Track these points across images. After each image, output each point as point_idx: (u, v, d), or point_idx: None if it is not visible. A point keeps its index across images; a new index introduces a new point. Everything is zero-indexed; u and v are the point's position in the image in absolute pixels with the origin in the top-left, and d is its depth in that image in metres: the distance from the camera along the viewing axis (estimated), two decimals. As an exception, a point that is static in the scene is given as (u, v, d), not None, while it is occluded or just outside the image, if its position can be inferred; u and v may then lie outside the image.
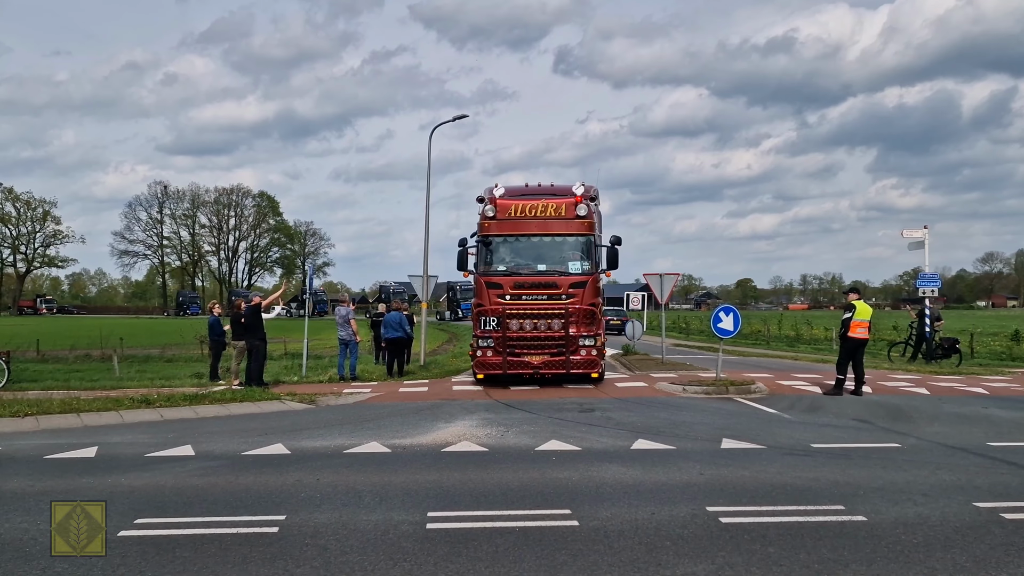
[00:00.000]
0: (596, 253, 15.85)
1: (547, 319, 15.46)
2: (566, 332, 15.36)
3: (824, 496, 7.04)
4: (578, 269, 15.72)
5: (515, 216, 15.90)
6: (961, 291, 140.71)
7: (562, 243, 15.95)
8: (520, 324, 15.54)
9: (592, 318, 15.48)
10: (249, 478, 7.90)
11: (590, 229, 15.85)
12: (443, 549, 5.60)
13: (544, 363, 15.50)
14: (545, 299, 15.50)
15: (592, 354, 15.55)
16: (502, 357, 15.57)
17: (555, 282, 15.61)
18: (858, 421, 11.63)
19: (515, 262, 16.08)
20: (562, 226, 15.86)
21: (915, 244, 22.75)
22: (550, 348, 15.50)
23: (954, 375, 18.95)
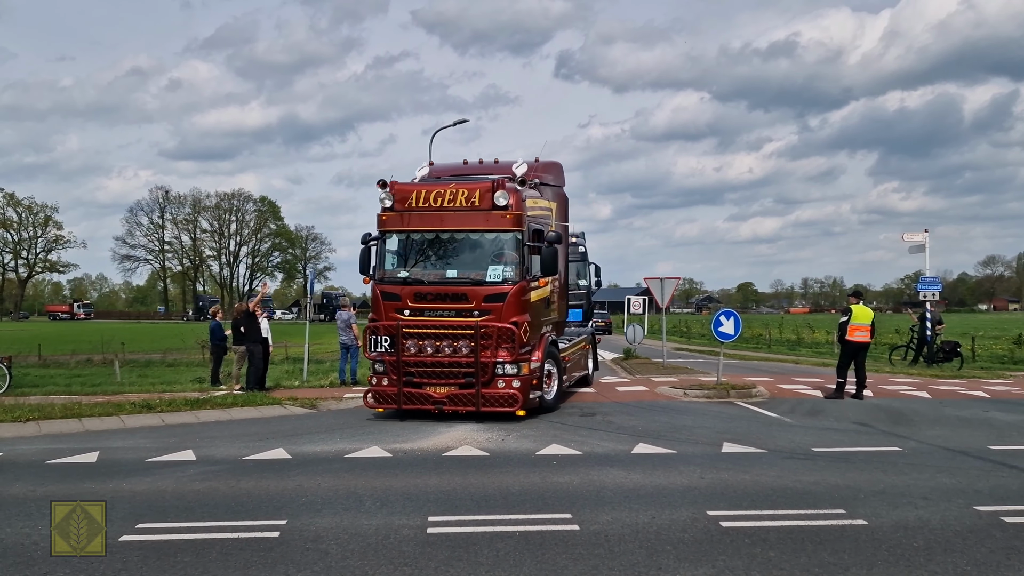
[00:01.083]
0: (527, 255, 12.31)
1: (453, 340, 11.95)
2: (477, 358, 11.82)
3: (825, 500, 7.05)
4: (498, 276, 12.08)
5: (417, 206, 12.35)
6: (962, 294, 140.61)
7: (479, 242, 12.38)
8: (420, 346, 12.05)
9: (512, 340, 11.77)
10: (250, 483, 7.91)
11: (516, 224, 12.11)
12: (444, 553, 5.61)
13: (449, 397, 11.98)
14: (453, 315, 12.03)
15: (513, 386, 11.90)
16: (397, 388, 12.17)
17: (465, 293, 12.04)
18: (859, 425, 11.63)
19: (418, 267, 12.64)
20: (476, 219, 12.21)
21: (916, 248, 22.76)
22: (457, 378, 12.01)
23: (955, 379, 18.95)
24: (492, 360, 11.85)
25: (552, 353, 13.20)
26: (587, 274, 25.50)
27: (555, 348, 13.47)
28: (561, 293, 14.49)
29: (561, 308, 14.53)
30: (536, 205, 13.10)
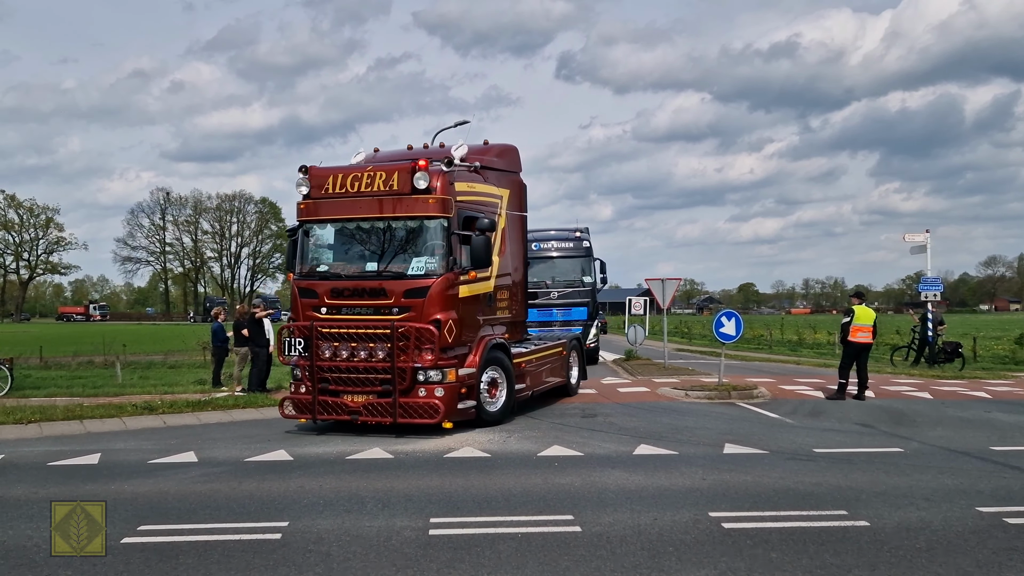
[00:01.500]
0: (457, 245, 11.02)
1: (369, 342, 10.69)
2: (393, 362, 10.53)
3: (827, 501, 7.04)
4: (420, 269, 10.87)
5: (334, 192, 11.25)
6: (964, 295, 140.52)
7: (400, 231, 11.14)
8: (335, 349, 10.82)
9: (432, 341, 10.44)
10: (252, 484, 7.92)
11: (441, 209, 10.83)
12: (446, 555, 5.61)
13: (367, 406, 10.76)
14: (371, 313, 10.84)
15: (436, 395, 10.60)
16: (312, 396, 11.00)
17: (383, 288, 10.83)
18: (861, 425, 11.62)
19: (336, 259, 11.55)
20: (395, 205, 10.97)
21: (917, 248, 22.75)
22: (374, 385, 10.79)
23: (957, 379, 18.94)
24: (410, 365, 10.50)
25: (496, 359, 11.78)
26: (592, 271, 23.89)
27: (502, 352, 11.98)
28: (518, 290, 13.42)
29: (516, 307, 13.24)
30: (472, 190, 11.75)
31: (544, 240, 23.85)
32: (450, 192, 11.02)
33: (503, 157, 13.31)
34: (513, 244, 13.15)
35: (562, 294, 23.00)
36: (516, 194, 13.52)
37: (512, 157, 13.72)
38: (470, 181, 11.81)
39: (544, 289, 22.82)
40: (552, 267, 23.53)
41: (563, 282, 23.20)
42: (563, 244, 23.76)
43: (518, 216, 13.61)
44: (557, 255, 23.60)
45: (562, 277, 23.35)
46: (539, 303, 22.45)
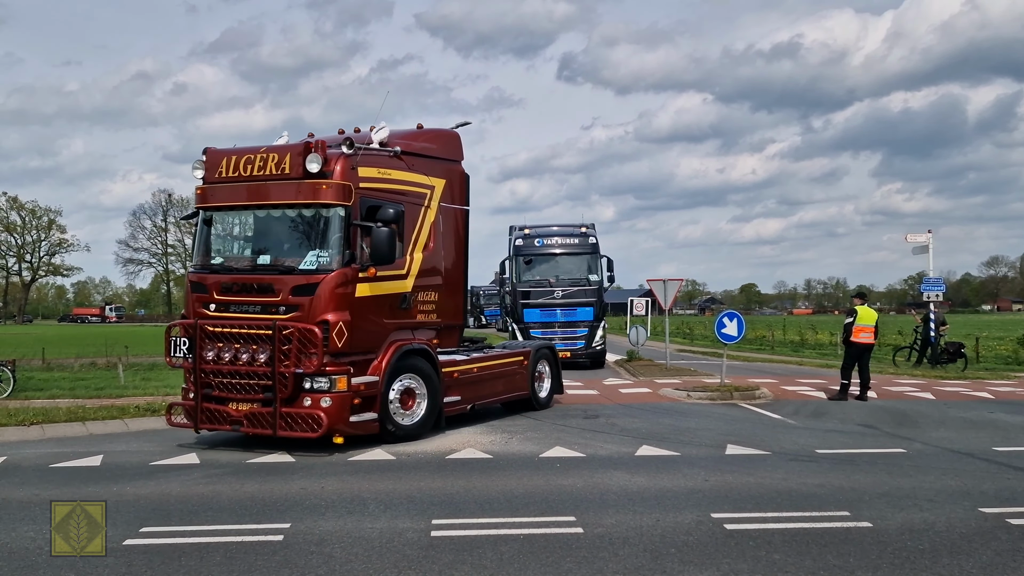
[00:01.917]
0: (358, 237, 9.91)
1: (253, 344, 9.65)
2: (274, 367, 9.44)
3: (829, 502, 7.03)
4: (312, 264, 9.83)
5: (227, 176, 10.21)
6: (966, 295, 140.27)
7: (294, 220, 10.15)
8: (218, 350, 9.78)
9: (316, 344, 9.30)
10: (254, 486, 7.92)
11: (340, 196, 9.71)
12: (448, 556, 5.61)
13: (249, 415, 9.66)
14: (258, 311, 9.84)
15: (321, 405, 9.39)
16: (195, 403, 9.99)
17: (271, 284, 9.85)
18: (863, 426, 11.61)
19: (230, 250, 10.65)
20: (285, 190, 9.94)
21: (919, 248, 22.72)
22: (257, 392, 9.66)
23: (959, 380, 18.92)
24: (292, 370, 9.39)
25: (413, 367, 10.54)
26: (598, 268, 22.81)
27: (423, 360, 10.75)
28: (453, 292, 11.90)
29: (449, 310, 11.72)
30: (387, 177, 10.56)
31: (547, 236, 23.02)
32: (350, 177, 9.84)
33: (438, 144, 11.96)
34: (448, 240, 11.74)
35: (567, 293, 22.18)
36: (454, 185, 12.07)
37: (450, 144, 12.29)
38: (385, 167, 10.57)
39: (547, 288, 22.16)
40: (555, 265, 22.72)
41: (567, 280, 22.43)
42: (568, 240, 22.88)
43: (456, 209, 12.09)
44: (561, 252, 22.73)
45: (566, 276, 22.56)
46: (541, 303, 22.02)
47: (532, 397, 13.36)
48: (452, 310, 11.90)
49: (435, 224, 11.39)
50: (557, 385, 14.19)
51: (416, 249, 10.97)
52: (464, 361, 11.91)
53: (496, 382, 12.54)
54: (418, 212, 11.08)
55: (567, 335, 21.90)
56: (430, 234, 11.29)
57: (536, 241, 22.82)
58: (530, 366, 13.30)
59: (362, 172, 10.08)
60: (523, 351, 13.48)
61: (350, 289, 9.82)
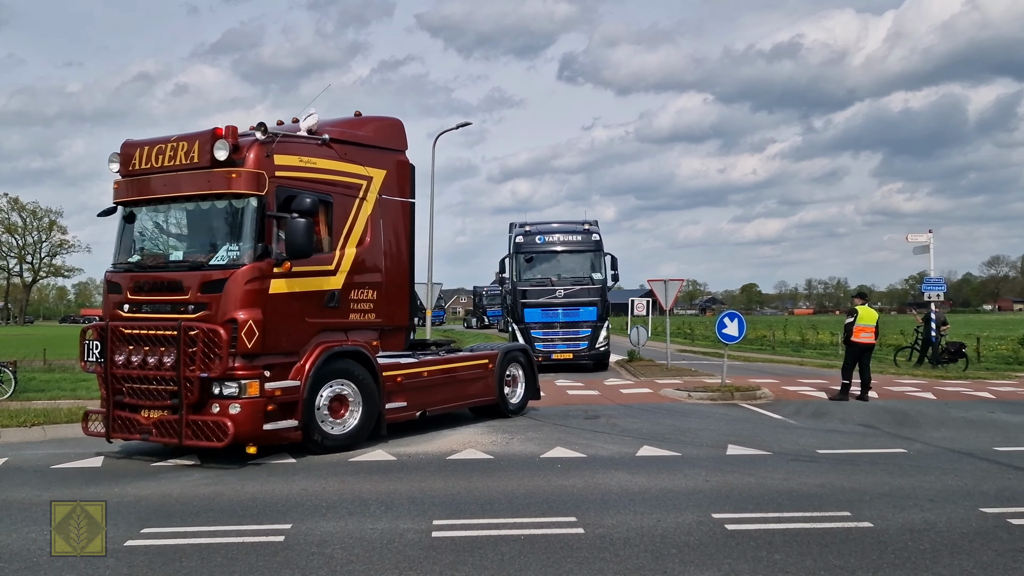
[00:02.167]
0: (273, 230, 9.26)
1: (161, 346, 9.06)
2: (179, 371, 8.83)
3: (830, 502, 7.04)
4: (223, 259, 9.27)
5: (140, 169, 9.71)
6: (967, 295, 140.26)
7: (205, 213, 9.63)
8: (128, 354, 9.23)
9: (220, 346, 8.67)
10: (255, 487, 7.92)
11: (252, 186, 9.11)
12: (449, 557, 5.61)
13: (159, 424, 9.10)
14: (169, 310, 9.26)
15: (229, 412, 8.76)
16: (107, 409, 9.47)
17: (180, 282, 9.29)
18: (864, 426, 11.61)
19: (145, 247, 10.05)
20: (194, 181, 9.35)
21: (920, 248, 22.71)
22: (165, 398, 9.06)
23: (960, 380, 18.91)
24: (196, 375, 8.77)
25: (343, 371, 9.83)
26: (601, 266, 22.05)
27: (357, 364, 9.99)
28: (397, 290, 11.04)
29: (392, 309, 10.94)
30: (312, 166, 9.90)
31: (548, 233, 22.37)
32: (264, 165, 9.24)
33: (377, 132, 11.15)
34: (390, 235, 10.90)
35: (569, 292, 21.51)
36: (397, 176, 11.20)
37: (391, 132, 11.40)
38: (310, 155, 9.92)
39: (548, 287, 21.55)
40: (557, 263, 22.09)
41: (570, 279, 21.78)
42: (570, 238, 22.20)
43: (399, 202, 11.23)
44: (563, 250, 22.07)
45: (569, 274, 21.91)
46: (542, 303, 21.45)
47: (500, 403, 12.53)
48: (395, 309, 11.09)
49: (373, 217, 10.58)
50: (532, 391, 13.33)
51: (349, 244, 10.21)
52: (411, 365, 11.05)
53: (454, 387, 11.74)
54: (351, 204, 10.31)
55: (569, 336, 21.51)
56: (366, 228, 10.47)
57: (537, 238, 22.15)
58: (498, 370, 12.47)
59: (280, 160, 9.49)
60: (488, 354, 12.62)
61: (263, 285, 9.11)
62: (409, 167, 11.56)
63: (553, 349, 21.36)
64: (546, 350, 21.06)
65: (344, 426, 9.84)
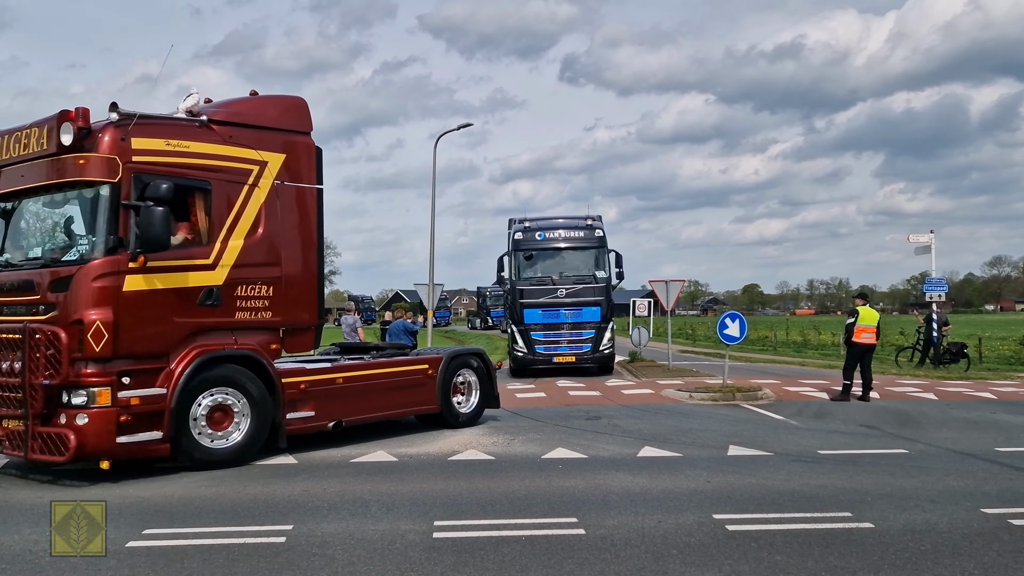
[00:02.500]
0: (126, 221, 8.36)
1: (10, 350, 8.37)
2: (25, 378, 8.11)
3: (831, 503, 7.03)
4: (74, 254, 8.66)
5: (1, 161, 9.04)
6: (969, 295, 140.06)
7: (58, 203, 9.04)
8: None
9: (60, 349, 7.98)
10: (256, 488, 7.93)
11: (103, 173, 8.32)
12: (450, 558, 5.61)
13: (10, 434, 8.45)
14: (23, 311, 8.56)
15: (77, 424, 7.97)
16: None
17: (31, 281, 8.62)
18: (866, 427, 11.60)
19: (6, 245, 9.30)
20: (47, 171, 8.61)
21: (921, 249, 22.70)
22: (15, 408, 8.33)
23: (962, 380, 18.90)
24: (39, 381, 8.00)
25: (223, 377, 8.94)
26: (605, 264, 20.96)
27: (244, 369, 9.09)
28: (299, 286, 9.95)
29: (292, 305, 9.81)
30: (186, 149, 8.96)
31: (549, 229, 21.25)
32: (119, 150, 8.40)
33: (273, 112, 10.07)
34: (290, 225, 9.90)
35: (571, 292, 20.40)
36: (299, 160, 10.12)
37: (292, 113, 10.28)
38: (182, 138, 8.98)
39: (549, 286, 20.47)
40: (559, 260, 21.01)
41: (572, 278, 20.68)
42: (572, 234, 21.10)
43: (302, 189, 10.13)
44: (565, 246, 21.00)
45: (571, 272, 20.79)
46: (543, 302, 20.37)
47: (445, 412, 11.49)
48: (300, 307, 9.99)
49: (267, 205, 9.59)
50: (489, 398, 12.23)
51: (235, 235, 9.25)
52: (321, 370, 10.21)
53: (382, 394, 10.73)
54: (237, 191, 9.34)
55: (572, 338, 20.59)
56: (259, 217, 9.50)
57: (537, 234, 21.03)
58: (441, 376, 11.40)
59: (140, 144, 8.59)
60: (429, 358, 11.58)
61: (115, 282, 8.26)
62: (315, 150, 10.43)
63: (555, 352, 20.56)
64: (547, 353, 20.54)
65: (227, 439, 8.95)
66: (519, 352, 20.74)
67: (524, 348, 20.64)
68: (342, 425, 10.18)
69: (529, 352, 20.58)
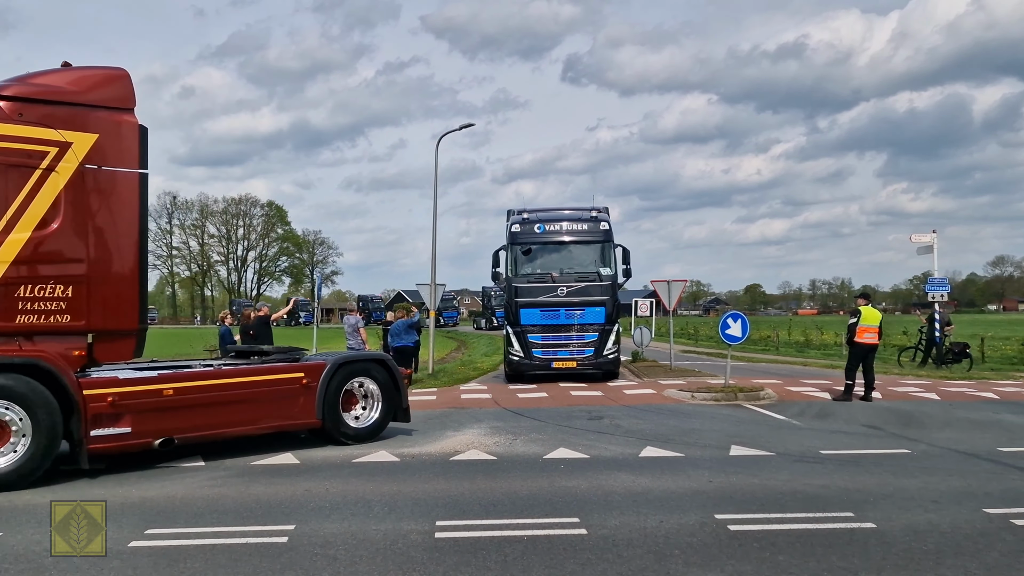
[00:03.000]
0: None
1: None
2: None
3: (834, 503, 7.03)
4: None
5: None
6: (972, 295, 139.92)
7: None
8: None
9: None
10: (259, 488, 7.94)
11: None
12: (452, 558, 5.62)
13: None
14: None
15: None
16: None
17: None
18: (868, 427, 11.59)
19: None
20: None
21: (924, 249, 22.69)
22: None
23: (965, 380, 18.87)
24: None
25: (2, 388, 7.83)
26: (611, 260, 18.89)
27: (24, 381, 7.93)
28: (110, 282, 8.87)
29: (103, 307, 8.75)
30: None
31: (550, 221, 19.31)
32: None
33: (86, 87, 8.94)
34: (101, 214, 8.84)
35: (573, 290, 18.55)
36: (116, 141, 8.98)
37: (107, 87, 9.15)
38: None
39: (549, 284, 18.61)
40: (561, 255, 19.18)
41: (574, 275, 18.76)
42: (575, 227, 19.17)
43: (119, 174, 8.98)
44: (567, 240, 19.16)
45: (573, 269, 18.94)
46: (542, 302, 18.51)
47: (330, 427, 10.18)
48: (114, 310, 8.89)
49: (69, 192, 8.54)
50: (395, 410, 10.82)
51: (19, 226, 8.23)
52: (140, 380, 8.90)
53: (236, 407, 9.50)
54: (25, 176, 8.29)
55: (573, 341, 18.78)
56: (55, 206, 8.44)
57: (536, 227, 19.09)
58: (324, 387, 10.06)
59: None
60: (308, 366, 10.20)
61: None
62: (138, 130, 9.18)
63: (554, 356, 18.73)
64: (546, 357, 18.73)
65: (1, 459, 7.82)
66: (515, 356, 18.89)
67: (520, 352, 18.81)
68: (173, 443, 8.94)
69: (526, 356, 18.77)
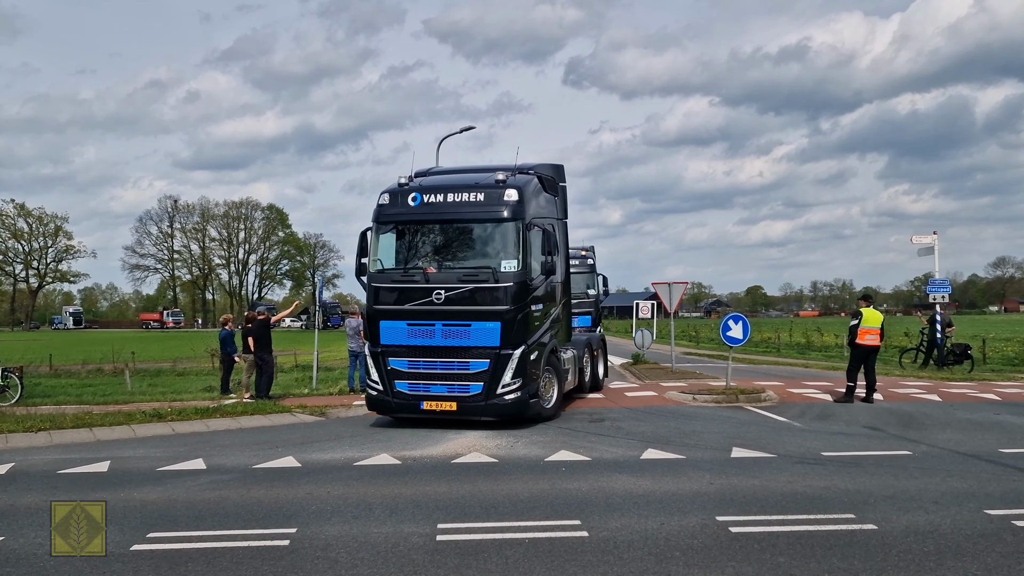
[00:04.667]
0: None
1: None
2: None
3: (835, 505, 7.03)
4: None
5: None
6: (973, 296, 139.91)
7: None
8: None
9: None
10: (260, 491, 7.94)
11: None
12: (453, 560, 5.62)
13: None
14: None
15: None
16: None
17: None
18: (869, 429, 11.59)
19: None
20: None
21: (925, 250, 22.68)
22: None
23: (966, 381, 18.85)
24: None
25: None
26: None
27: None
28: None
29: None
30: None
31: (432, 190, 15.45)
32: None
33: None
34: None
35: (455, 294, 16.07)
36: None
37: None
38: None
39: (421, 285, 16.92)
40: (444, 242, 16.51)
41: (459, 272, 14.86)
42: (466, 196, 12.44)
43: None
44: (452, 217, 13.62)
45: (459, 261, 14.62)
46: (409, 311, 14.95)
47: None
48: None
49: None
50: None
51: None
52: None
53: None
54: None
55: (451, 371, 12.27)
56: None
57: (410, 198, 13.05)
58: None
59: None
60: None
61: None
62: None
63: (424, 393, 12.27)
64: (413, 393, 12.33)
65: None
66: (373, 388, 12.64)
67: (378, 383, 12.56)
68: None
69: (386, 391, 12.46)
